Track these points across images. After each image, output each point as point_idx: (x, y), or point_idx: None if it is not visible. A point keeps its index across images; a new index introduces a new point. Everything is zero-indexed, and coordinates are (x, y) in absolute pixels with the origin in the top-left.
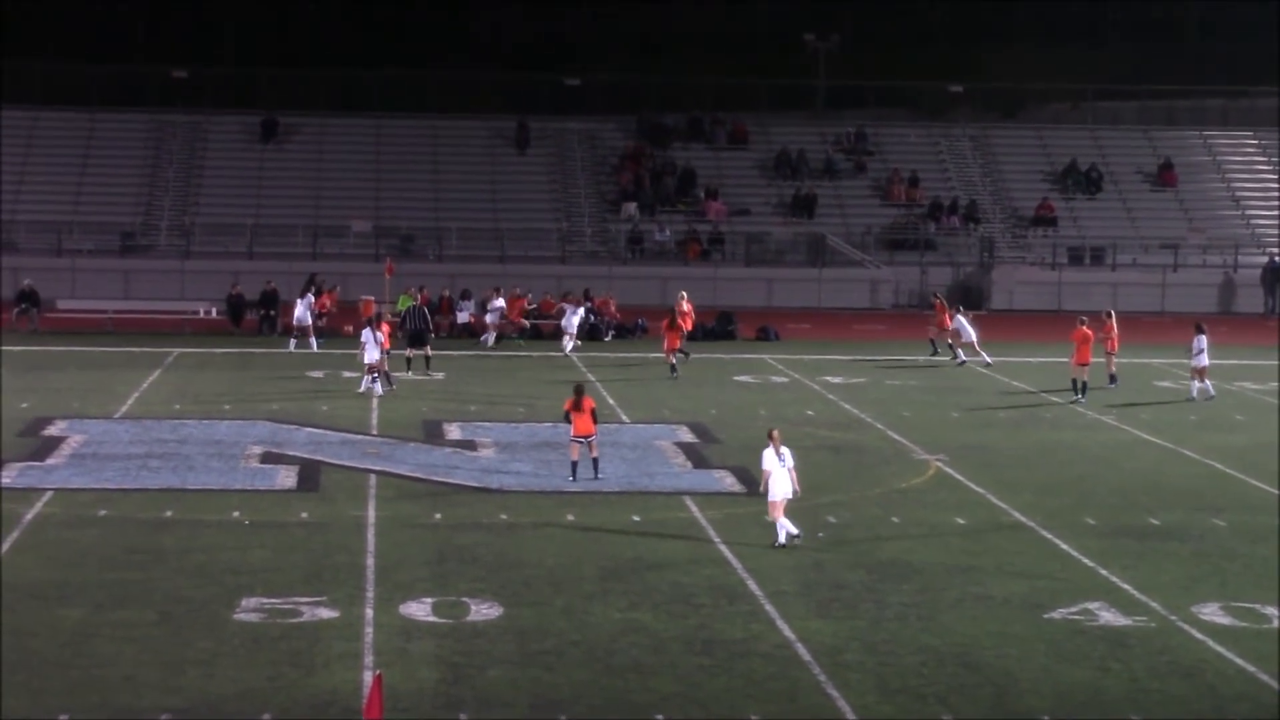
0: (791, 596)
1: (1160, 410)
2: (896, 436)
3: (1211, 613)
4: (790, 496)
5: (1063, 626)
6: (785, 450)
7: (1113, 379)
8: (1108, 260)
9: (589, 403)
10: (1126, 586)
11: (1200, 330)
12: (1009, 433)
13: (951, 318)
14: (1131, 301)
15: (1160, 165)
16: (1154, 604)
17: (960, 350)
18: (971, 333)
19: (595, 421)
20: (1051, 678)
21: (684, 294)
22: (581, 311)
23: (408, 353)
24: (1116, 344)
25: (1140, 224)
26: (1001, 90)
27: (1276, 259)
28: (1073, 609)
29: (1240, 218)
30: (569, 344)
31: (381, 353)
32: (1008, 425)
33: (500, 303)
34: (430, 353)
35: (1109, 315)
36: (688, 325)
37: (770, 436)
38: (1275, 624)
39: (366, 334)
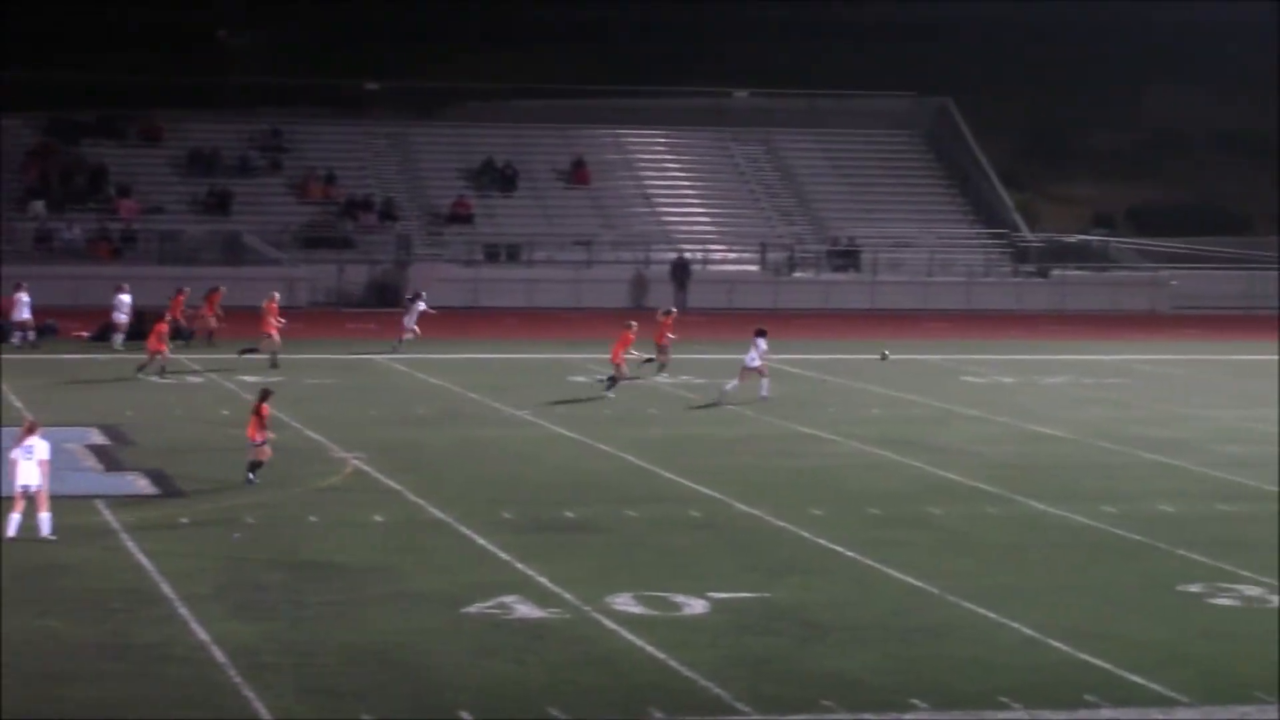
0: (208, 599)
1: (575, 405)
2: (314, 435)
3: (624, 602)
4: (34, 488)
5: (480, 620)
6: (35, 441)
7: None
8: (524, 257)
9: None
10: (542, 579)
11: (760, 333)
12: (428, 430)
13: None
14: (547, 297)
15: (573, 163)
16: (569, 595)
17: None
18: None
19: (262, 427)
20: (470, 672)
21: (275, 294)
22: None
23: None
24: (666, 338)
25: (555, 221)
26: (418, 88)
27: (685, 255)
28: (489, 603)
29: (651, 215)
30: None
31: None
32: (427, 423)
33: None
34: None
35: (666, 313)
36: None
37: (25, 427)
38: (683, 611)
39: None
